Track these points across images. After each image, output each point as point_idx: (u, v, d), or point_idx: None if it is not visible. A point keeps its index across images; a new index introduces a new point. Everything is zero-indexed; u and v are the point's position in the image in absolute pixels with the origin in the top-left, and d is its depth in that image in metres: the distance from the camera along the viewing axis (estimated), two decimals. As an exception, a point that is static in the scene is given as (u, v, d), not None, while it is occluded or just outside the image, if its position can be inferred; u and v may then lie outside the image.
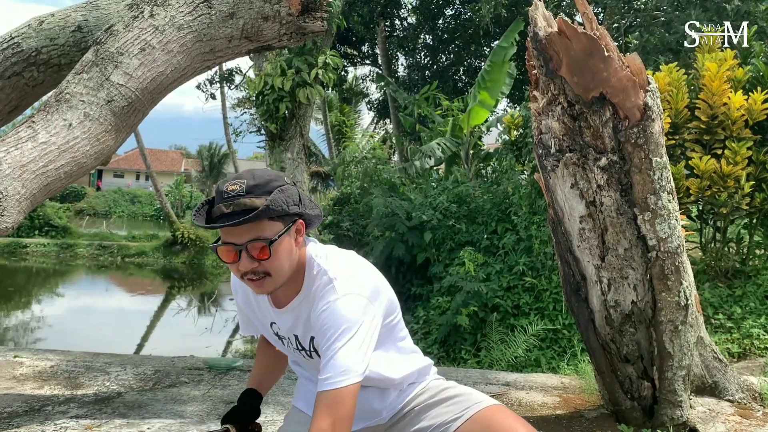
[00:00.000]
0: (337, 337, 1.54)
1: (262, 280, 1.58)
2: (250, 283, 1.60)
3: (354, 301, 1.60)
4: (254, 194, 1.52)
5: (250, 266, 1.55)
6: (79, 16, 3.40)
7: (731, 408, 3.26)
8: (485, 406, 1.74)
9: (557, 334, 5.74)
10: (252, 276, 1.57)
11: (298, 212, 1.60)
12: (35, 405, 3.34)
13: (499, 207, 7.50)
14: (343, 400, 1.50)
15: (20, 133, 2.81)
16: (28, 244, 20.97)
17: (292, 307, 1.71)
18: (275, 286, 1.61)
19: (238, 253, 1.54)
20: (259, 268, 1.56)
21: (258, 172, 1.58)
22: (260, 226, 1.53)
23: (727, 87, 4.92)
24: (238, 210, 1.50)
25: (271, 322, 1.79)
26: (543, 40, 2.56)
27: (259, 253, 1.54)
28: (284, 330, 1.76)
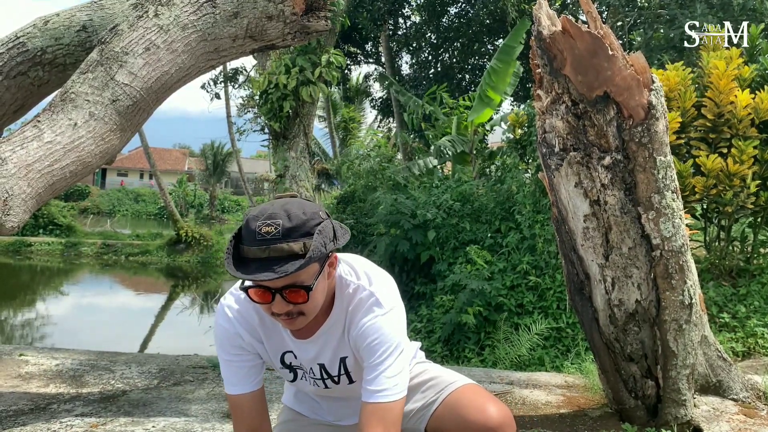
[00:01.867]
0: (391, 352, 1.56)
1: (295, 319, 1.53)
2: (283, 322, 1.55)
3: (399, 316, 1.62)
4: (291, 238, 1.42)
5: (284, 309, 1.49)
6: (84, 16, 3.42)
7: (735, 407, 3.26)
8: (456, 387, 1.74)
9: (561, 332, 5.74)
10: (285, 316, 1.52)
11: (334, 248, 1.54)
12: (41, 403, 3.35)
13: (502, 206, 7.50)
14: (397, 411, 1.54)
15: (26, 133, 2.83)
16: (33, 243, 21.04)
17: (320, 334, 1.65)
18: (307, 322, 1.57)
19: (272, 295, 1.47)
20: (294, 310, 1.50)
21: (293, 211, 1.46)
22: (297, 276, 1.46)
23: (734, 86, 4.91)
24: (274, 256, 1.41)
25: (286, 352, 1.70)
26: (547, 38, 2.56)
27: (296, 297, 1.48)
28: (305, 361, 1.69)
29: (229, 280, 18.51)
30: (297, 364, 1.72)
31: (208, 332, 11.04)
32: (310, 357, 1.68)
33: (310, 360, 1.69)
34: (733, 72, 4.92)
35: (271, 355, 1.73)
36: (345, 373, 1.70)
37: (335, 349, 1.67)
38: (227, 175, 47.57)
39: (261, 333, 1.69)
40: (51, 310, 13.45)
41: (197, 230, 21.58)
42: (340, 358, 1.68)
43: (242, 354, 1.69)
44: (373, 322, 1.58)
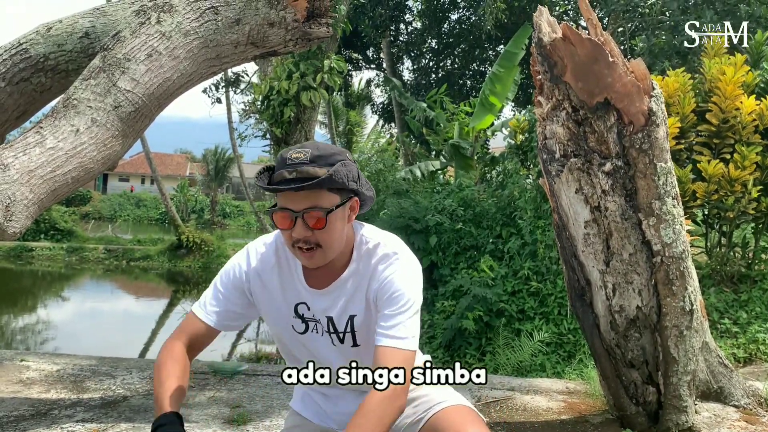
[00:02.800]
0: (409, 307, 1.60)
1: (313, 251, 1.57)
2: (300, 254, 1.59)
3: (420, 276, 1.66)
4: (317, 164, 1.53)
5: (303, 234, 1.55)
6: (87, 23, 3.43)
7: (737, 413, 3.25)
8: (443, 407, 1.71)
9: (562, 338, 5.73)
10: (303, 245, 1.57)
11: (356, 189, 1.62)
12: (42, 408, 3.36)
13: (504, 211, 7.50)
14: (408, 361, 1.56)
15: (28, 139, 2.84)
16: (34, 248, 21.06)
17: (335, 286, 1.68)
18: (325, 259, 1.61)
19: (293, 220, 1.55)
20: (312, 238, 1.55)
21: (322, 145, 1.59)
22: (319, 196, 1.54)
23: (740, 92, 4.92)
24: (300, 177, 1.51)
25: (300, 303, 1.72)
26: (547, 45, 2.57)
27: (315, 223, 1.54)
28: (317, 311, 1.70)
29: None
30: (309, 316, 1.72)
31: (209, 337, 11.03)
32: (322, 308, 1.70)
33: (322, 311, 1.70)
34: (740, 78, 4.93)
35: (283, 300, 1.74)
36: (351, 332, 1.70)
37: (346, 304, 1.69)
38: (228, 180, 47.59)
39: (277, 279, 1.73)
40: (52, 315, 13.45)
41: (198, 235, 21.59)
42: (350, 315, 1.69)
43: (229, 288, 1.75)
44: (393, 275, 1.63)
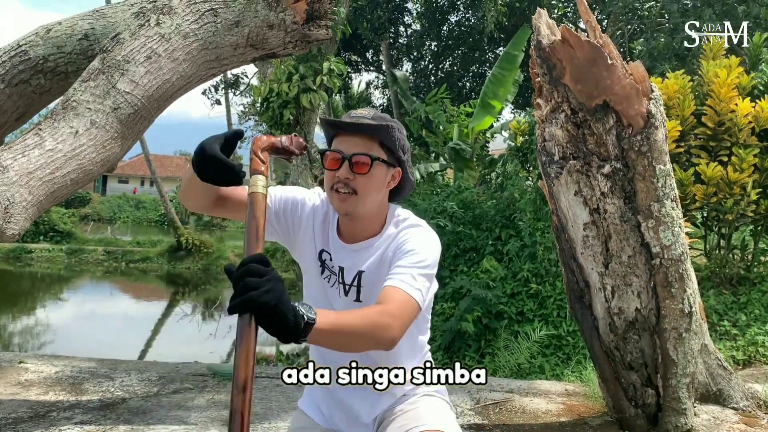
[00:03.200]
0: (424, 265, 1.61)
1: (348, 196, 1.64)
2: (336, 196, 1.65)
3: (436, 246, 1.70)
4: (376, 120, 1.65)
5: (345, 175, 1.62)
6: (86, 25, 3.43)
7: (736, 416, 3.25)
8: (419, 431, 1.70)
9: (561, 340, 5.73)
10: (342, 188, 1.63)
11: (402, 160, 1.71)
12: (40, 411, 3.35)
13: (503, 213, 7.50)
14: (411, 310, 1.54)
15: (27, 141, 2.84)
16: (33, 250, 21.04)
17: (363, 246, 1.74)
18: (356, 209, 1.66)
19: (341, 161, 1.63)
20: (352, 183, 1.62)
21: (383, 113, 1.71)
22: (370, 146, 1.64)
23: (734, 94, 4.92)
24: (360, 123, 1.63)
25: (324, 250, 1.78)
26: (546, 48, 2.58)
27: (360, 167, 1.63)
28: (336, 260, 1.76)
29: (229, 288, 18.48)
30: (329, 264, 1.78)
31: (209, 339, 11.04)
32: (339, 258, 1.75)
33: (338, 260, 1.76)
34: (734, 81, 4.93)
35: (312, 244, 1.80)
36: (357, 286, 1.74)
37: (361, 261, 1.73)
38: (228, 182, 47.49)
39: (320, 220, 1.80)
40: (51, 317, 13.44)
41: (198, 237, 21.59)
42: (359, 270, 1.73)
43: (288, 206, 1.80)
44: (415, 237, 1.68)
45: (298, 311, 1.26)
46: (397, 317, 1.50)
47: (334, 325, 1.36)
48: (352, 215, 1.69)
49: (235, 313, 1.23)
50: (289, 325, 1.23)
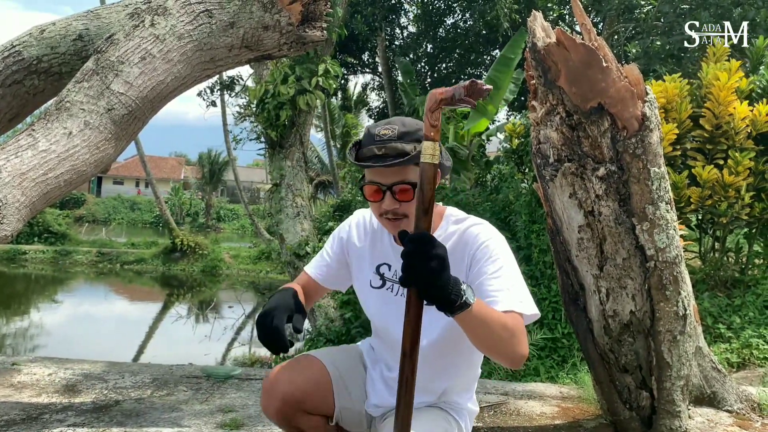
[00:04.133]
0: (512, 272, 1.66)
1: (400, 221, 1.67)
2: (388, 223, 1.70)
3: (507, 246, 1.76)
4: (404, 140, 1.63)
5: (392, 206, 1.65)
6: (80, 25, 3.42)
7: (730, 418, 3.25)
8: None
9: (556, 343, 5.73)
10: (391, 216, 1.67)
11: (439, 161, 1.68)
12: (33, 413, 3.33)
13: (499, 215, 7.50)
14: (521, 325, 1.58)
15: (20, 141, 2.82)
16: (27, 251, 20.97)
17: None
18: (410, 228, 1.65)
19: (383, 192, 1.66)
20: (399, 210, 1.66)
21: (407, 120, 1.68)
22: (406, 171, 1.65)
23: (733, 98, 4.93)
24: (389, 153, 1.62)
25: (383, 263, 1.83)
26: (541, 50, 2.58)
27: (403, 196, 1.65)
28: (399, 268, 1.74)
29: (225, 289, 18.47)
30: (390, 276, 1.82)
31: (203, 341, 11.01)
32: None
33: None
34: (734, 84, 4.94)
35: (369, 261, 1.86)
36: None
37: None
38: (223, 184, 47.53)
39: (369, 241, 1.87)
40: (45, 319, 13.38)
41: (193, 239, 21.56)
42: None
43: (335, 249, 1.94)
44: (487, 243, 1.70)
45: (460, 291, 1.34)
46: (524, 335, 1.55)
47: (485, 316, 1.44)
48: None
49: (405, 287, 1.33)
50: (449, 301, 1.32)
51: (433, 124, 1.37)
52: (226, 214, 42.98)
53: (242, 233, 36.85)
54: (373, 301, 1.85)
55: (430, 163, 1.36)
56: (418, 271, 1.29)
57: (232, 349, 10.97)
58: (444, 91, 1.37)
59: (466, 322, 1.41)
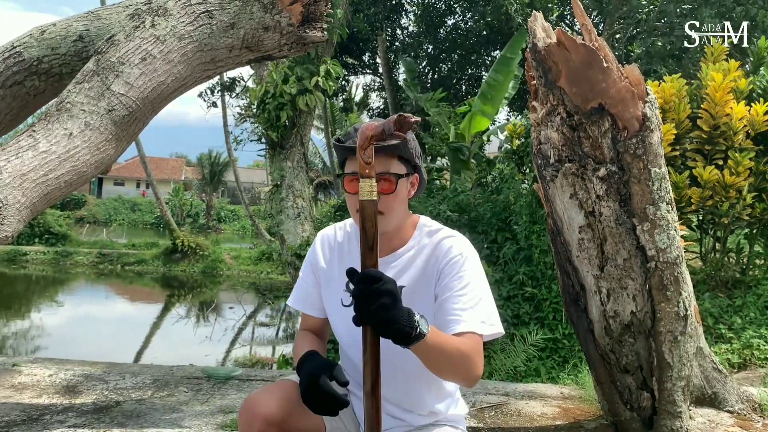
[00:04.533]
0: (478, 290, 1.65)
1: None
2: None
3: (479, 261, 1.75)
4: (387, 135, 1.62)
5: None
6: (81, 26, 3.42)
7: (731, 419, 3.25)
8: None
9: (557, 343, 5.73)
10: None
11: (418, 166, 1.71)
12: (33, 414, 3.33)
13: (499, 216, 7.49)
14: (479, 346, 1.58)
15: (21, 142, 2.82)
16: (28, 252, 20.97)
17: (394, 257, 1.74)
18: (386, 226, 1.66)
19: None
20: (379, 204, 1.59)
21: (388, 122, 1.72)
22: (390, 163, 1.63)
23: (730, 98, 4.93)
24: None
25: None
26: (542, 51, 2.58)
27: (386, 187, 1.62)
28: None
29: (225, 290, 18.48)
30: None
31: (204, 342, 11.01)
32: None
33: None
34: (730, 84, 4.94)
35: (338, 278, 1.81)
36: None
37: (399, 274, 1.73)
38: (224, 185, 47.55)
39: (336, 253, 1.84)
40: (45, 320, 13.38)
41: (193, 240, 21.55)
42: (400, 286, 1.71)
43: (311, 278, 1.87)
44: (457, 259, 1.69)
45: (414, 323, 1.36)
46: (480, 356, 1.56)
47: (440, 344, 1.45)
48: (382, 234, 1.67)
49: (359, 326, 1.35)
50: (403, 334, 1.33)
51: (366, 161, 1.39)
52: (226, 215, 42.98)
53: (243, 234, 36.86)
54: (345, 320, 1.75)
55: (369, 200, 1.37)
56: (370, 311, 1.31)
57: (232, 350, 10.96)
58: (374, 128, 1.40)
59: (421, 351, 1.42)
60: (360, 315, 1.32)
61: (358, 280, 1.33)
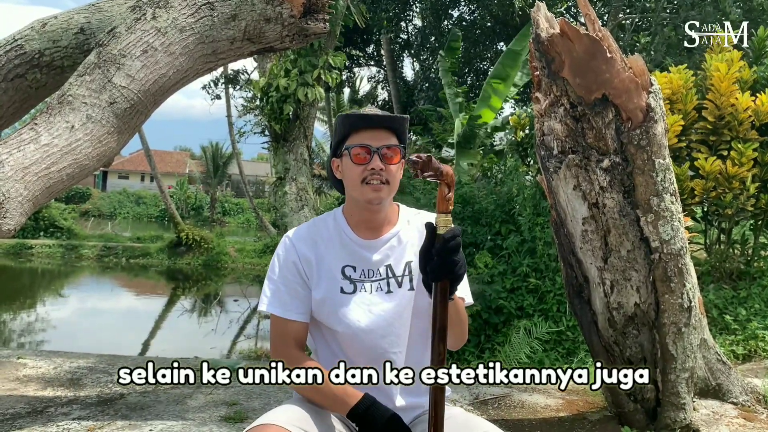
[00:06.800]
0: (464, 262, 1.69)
1: (382, 186, 1.71)
2: (370, 188, 1.71)
3: None
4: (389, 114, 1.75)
5: (380, 166, 1.69)
6: (82, 19, 3.41)
7: (735, 410, 3.24)
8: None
9: (561, 335, 5.72)
10: (375, 179, 1.70)
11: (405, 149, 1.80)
12: (38, 406, 3.35)
13: (503, 208, 7.47)
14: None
15: (23, 135, 2.82)
16: (33, 246, 21.02)
17: (387, 237, 1.81)
18: (387, 196, 1.73)
19: (371, 154, 1.70)
20: (384, 173, 1.70)
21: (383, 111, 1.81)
22: (390, 137, 1.73)
23: (735, 88, 4.89)
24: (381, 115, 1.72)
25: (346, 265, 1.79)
26: (545, 41, 2.56)
27: (391, 158, 1.72)
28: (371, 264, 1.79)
29: (230, 283, 18.53)
30: (356, 277, 1.79)
31: (209, 335, 11.04)
32: (378, 259, 1.80)
33: (376, 262, 1.79)
34: (734, 75, 4.90)
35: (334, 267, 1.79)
36: (409, 274, 1.79)
37: (401, 252, 1.80)
38: (228, 178, 47.59)
39: (321, 245, 1.81)
40: (50, 313, 13.44)
41: (198, 233, 21.56)
42: (406, 261, 1.80)
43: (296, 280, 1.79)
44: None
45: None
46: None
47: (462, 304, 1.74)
48: (382, 205, 1.76)
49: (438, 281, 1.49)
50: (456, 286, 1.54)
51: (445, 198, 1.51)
52: (230, 208, 43.02)
53: (247, 227, 36.89)
54: (346, 307, 1.75)
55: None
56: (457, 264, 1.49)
57: (237, 343, 10.99)
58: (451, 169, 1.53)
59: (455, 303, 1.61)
60: (445, 269, 1.47)
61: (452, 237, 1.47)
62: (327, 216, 1.88)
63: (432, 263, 1.49)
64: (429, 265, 1.49)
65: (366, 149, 1.70)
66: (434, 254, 1.48)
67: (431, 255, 1.49)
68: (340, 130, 1.76)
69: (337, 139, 1.78)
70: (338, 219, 1.84)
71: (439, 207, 1.51)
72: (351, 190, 1.77)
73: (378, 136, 1.71)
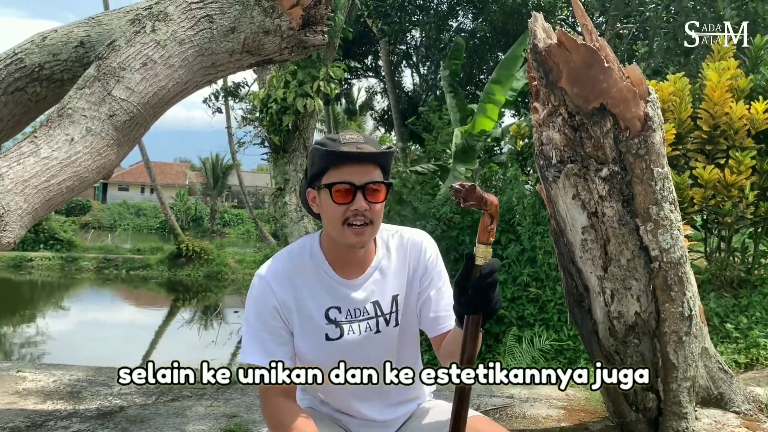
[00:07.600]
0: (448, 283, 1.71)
1: (365, 228, 1.59)
2: (351, 232, 1.58)
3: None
4: (371, 145, 1.59)
5: (364, 207, 1.56)
6: (82, 32, 3.43)
7: (737, 419, 3.23)
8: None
9: (562, 345, 5.71)
10: (358, 220, 1.57)
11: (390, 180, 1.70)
12: (37, 420, 3.33)
13: (503, 217, 7.47)
14: None
15: (22, 148, 2.83)
16: (33, 258, 21.01)
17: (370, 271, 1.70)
18: (371, 237, 1.63)
19: (353, 193, 1.56)
20: (368, 213, 1.57)
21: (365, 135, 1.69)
22: (375, 172, 1.59)
23: (728, 96, 4.90)
24: (365, 151, 1.56)
25: (330, 308, 1.67)
26: (543, 51, 2.57)
27: (375, 195, 1.59)
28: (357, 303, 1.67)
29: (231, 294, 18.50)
30: (342, 319, 1.67)
31: (209, 346, 11.01)
32: (363, 297, 1.69)
33: (362, 300, 1.69)
34: (728, 83, 4.91)
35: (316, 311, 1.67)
36: (395, 311, 1.72)
37: (385, 285, 1.72)
38: (228, 189, 47.64)
39: (301, 288, 1.67)
40: (50, 325, 13.41)
41: (198, 244, 21.57)
42: (392, 295, 1.72)
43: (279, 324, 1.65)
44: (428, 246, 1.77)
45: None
46: None
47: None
48: (366, 245, 1.64)
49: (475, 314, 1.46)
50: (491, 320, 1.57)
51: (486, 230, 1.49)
52: (230, 219, 43.04)
53: (247, 238, 36.89)
54: (331, 353, 1.67)
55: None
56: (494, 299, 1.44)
57: (237, 354, 10.96)
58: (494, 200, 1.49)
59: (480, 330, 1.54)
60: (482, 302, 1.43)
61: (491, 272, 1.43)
62: (302, 250, 1.71)
63: (467, 296, 1.43)
64: (464, 298, 1.44)
65: (349, 187, 1.55)
66: (470, 287, 1.43)
67: (466, 288, 1.44)
68: (318, 163, 1.59)
69: (314, 171, 1.62)
70: (316, 257, 1.69)
71: (480, 237, 1.47)
72: (330, 230, 1.63)
73: (361, 170, 1.56)
